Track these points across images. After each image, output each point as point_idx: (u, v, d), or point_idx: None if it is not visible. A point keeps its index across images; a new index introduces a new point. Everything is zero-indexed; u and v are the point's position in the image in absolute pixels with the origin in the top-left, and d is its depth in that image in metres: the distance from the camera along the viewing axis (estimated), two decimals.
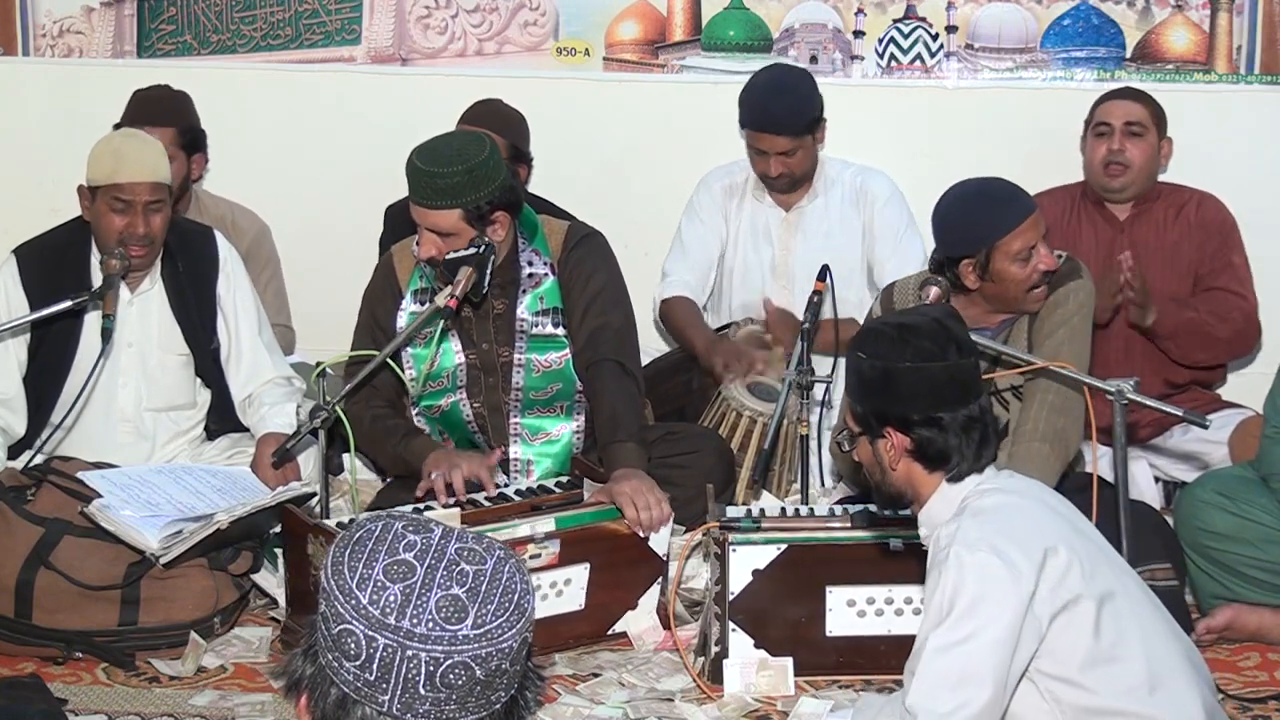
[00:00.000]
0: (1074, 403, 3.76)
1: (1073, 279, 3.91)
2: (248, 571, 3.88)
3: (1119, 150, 4.54)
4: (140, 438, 4.14)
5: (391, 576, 1.61)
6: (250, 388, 4.19)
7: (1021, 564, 2.64)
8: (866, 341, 2.86)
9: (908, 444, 2.80)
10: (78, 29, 5.53)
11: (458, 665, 1.59)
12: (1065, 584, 2.66)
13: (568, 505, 3.80)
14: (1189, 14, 5.20)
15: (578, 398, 4.06)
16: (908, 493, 2.86)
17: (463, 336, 4.04)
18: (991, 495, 2.77)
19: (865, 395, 2.84)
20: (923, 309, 2.95)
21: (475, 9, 5.42)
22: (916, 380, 2.77)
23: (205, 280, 4.16)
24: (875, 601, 3.55)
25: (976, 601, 2.62)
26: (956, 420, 2.77)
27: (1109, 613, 2.69)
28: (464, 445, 4.09)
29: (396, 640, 1.59)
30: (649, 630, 3.72)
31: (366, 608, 1.59)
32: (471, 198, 3.80)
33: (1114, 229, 4.63)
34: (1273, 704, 3.48)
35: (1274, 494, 3.83)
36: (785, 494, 4.40)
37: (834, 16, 5.32)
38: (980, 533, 2.68)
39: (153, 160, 3.99)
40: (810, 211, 4.82)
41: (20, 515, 3.77)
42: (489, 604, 1.61)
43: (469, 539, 1.67)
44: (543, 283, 4.03)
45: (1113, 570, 2.79)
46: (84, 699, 3.51)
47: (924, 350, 2.78)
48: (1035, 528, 2.71)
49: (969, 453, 2.79)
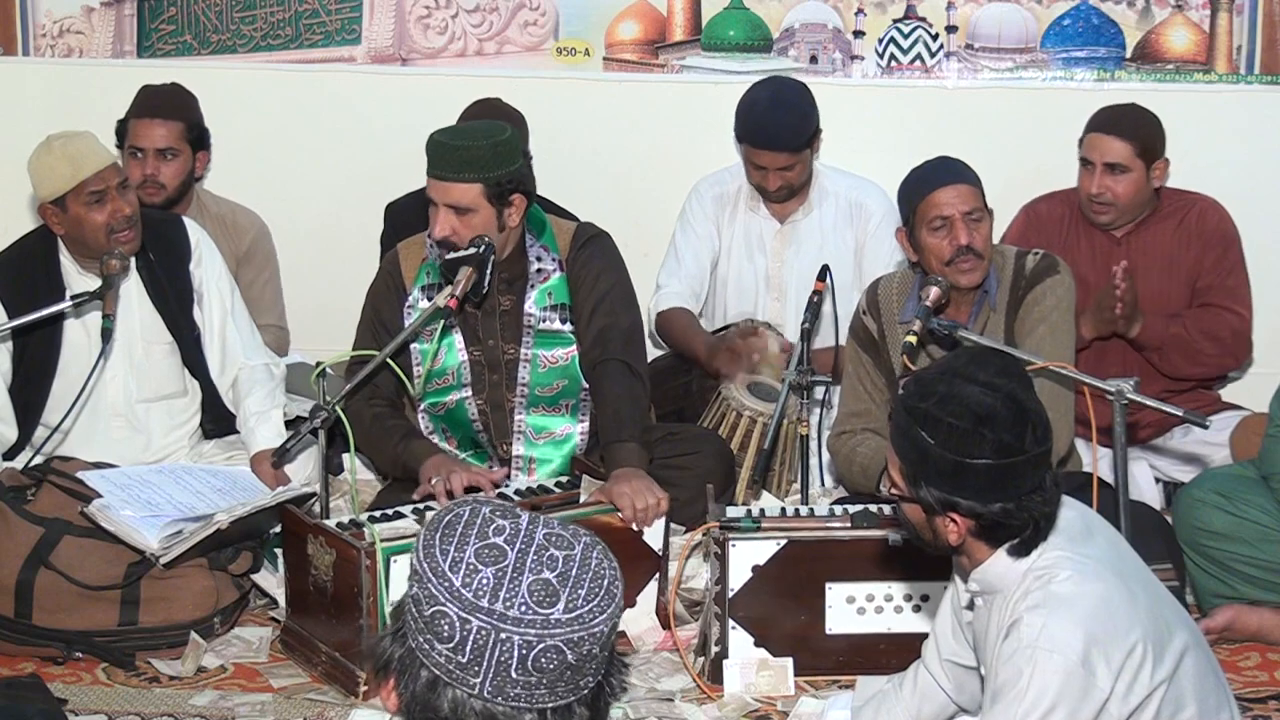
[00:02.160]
0: (1062, 399, 3.77)
1: (1049, 275, 3.91)
2: (248, 571, 3.88)
3: (1100, 193, 4.49)
4: (134, 431, 4.14)
5: (484, 560, 1.63)
6: (229, 372, 4.18)
7: (1101, 673, 2.54)
8: (935, 428, 2.58)
9: (972, 526, 2.64)
10: (78, 29, 5.53)
11: (550, 649, 1.61)
12: (1139, 683, 2.58)
13: (566, 505, 3.80)
14: (1189, 14, 5.20)
15: (583, 397, 4.06)
16: (958, 553, 2.74)
17: (467, 333, 4.03)
18: (1067, 575, 2.61)
19: (929, 480, 2.61)
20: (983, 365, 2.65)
21: (475, 9, 5.42)
22: (994, 475, 2.57)
23: (179, 266, 4.16)
24: (875, 599, 3.55)
25: (1053, 710, 2.54)
26: (1031, 503, 2.60)
27: (1173, 689, 2.64)
28: (467, 445, 4.08)
29: (490, 623, 1.60)
30: (649, 630, 3.72)
31: (460, 590, 1.61)
32: (494, 173, 3.82)
33: (1111, 240, 4.62)
34: (1273, 704, 3.48)
35: (1274, 493, 3.83)
36: (785, 494, 4.40)
37: (834, 16, 5.32)
38: (1067, 635, 2.54)
39: (98, 146, 4.03)
40: (804, 225, 4.81)
41: (20, 515, 3.77)
42: (580, 588, 1.63)
43: (555, 525, 1.69)
44: (551, 278, 4.03)
45: (1169, 623, 2.70)
46: (84, 699, 3.51)
47: (1004, 446, 2.55)
48: (1116, 622, 2.58)
49: (1039, 530, 2.64)
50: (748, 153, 4.72)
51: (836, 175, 4.86)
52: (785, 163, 4.66)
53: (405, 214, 4.83)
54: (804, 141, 4.67)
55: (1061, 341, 3.87)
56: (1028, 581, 2.64)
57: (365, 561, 3.43)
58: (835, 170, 4.88)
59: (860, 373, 4.00)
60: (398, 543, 3.50)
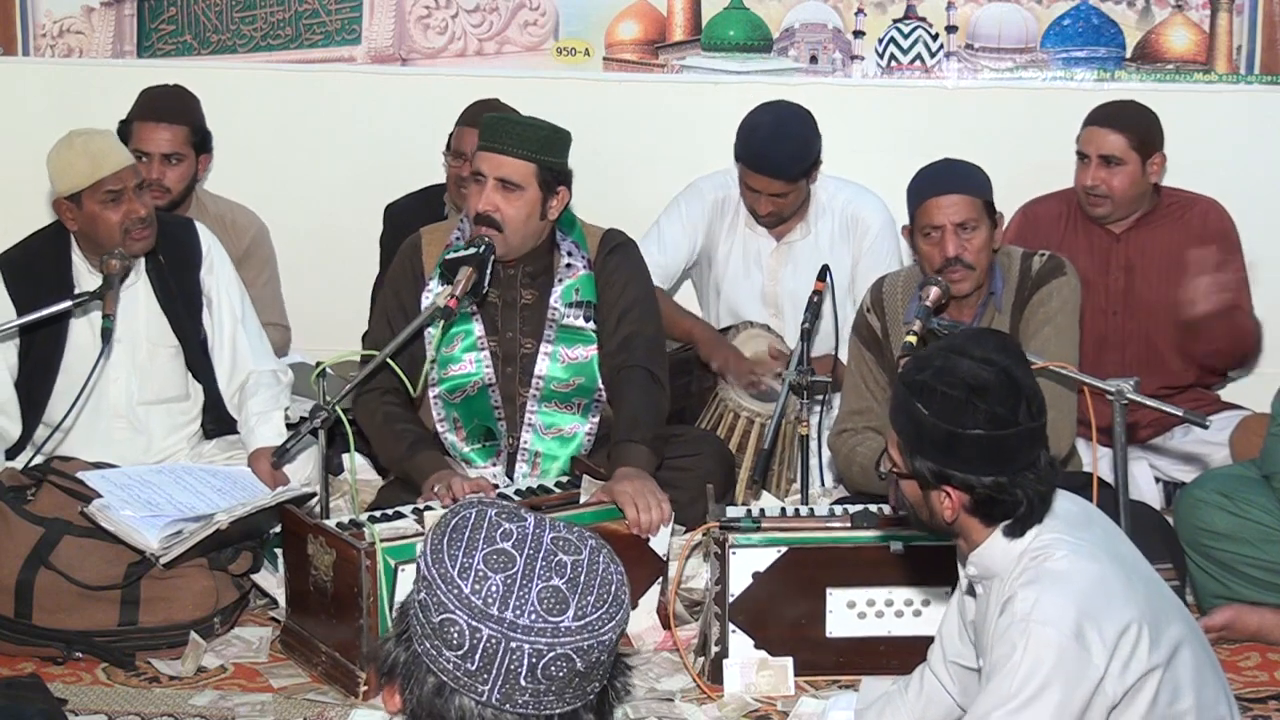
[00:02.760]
0: (1064, 399, 3.77)
1: (1056, 276, 3.91)
2: (248, 571, 3.88)
3: (1095, 185, 4.51)
4: (135, 432, 4.14)
5: (492, 566, 1.61)
6: (236, 378, 4.19)
7: (1096, 648, 2.55)
8: (929, 398, 2.62)
9: (966, 501, 2.66)
10: (78, 29, 5.53)
11: (560, 657, 1.60)
12: (1135, 661, 2.59)
13: (566, 505, 3.80)
14: (1189, 14, 5.20)
15: (597, 397, 4.06)
16: (955, 531, 2.75)
17: (487, 323, 4.03)
18: (1063, 554, 2.64)
19: (923, 451, 2.65)
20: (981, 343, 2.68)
21: (475, 9, 5.42)
22: (985, 446, 2.60)
23: (189, 270, 4.16)
24: (875, 603, 3.55)
25: (1047, 684, 2.55)
26: (1024, 480, 2.63)
27: (1170, 675, 2.64)
28: (477, 436, 4.06)
29: (500, 631, 1.59)
30: (649, 630, 3.72)
31: (469, 597, 1.60)
32: (549, 158, 3.90)
33: (1110, 239, 4.62)
34: (1273, 704, 3.48)
35: (1276, 493, 3.83)
36: (785, 494, 4.40)
37: (834, 16, 5.32)
38: (1060, 610, 2.56)
39: (119, 146, 4.06)
40: (801, 245, 4.80)
41: (20, 515, 3.77)
42: (589, 595, 1.63)
43: (561, 528, 1.68)
44: (579, 275, 4.03)
45: (1167, 615, 2.71)
46: (84, 699, 3.51)
47: (996, 417, 2.58)
48: (1111, 600, 2.60)
49: (1033, 509, 2.66)
50: (743, 173, 4.71)
51: (835, 186, 4.84)
52: (779, 189, 4.65)
53: (405, 215, 4.83)
54: (801, 172, 4.65)
55: (1066, 343, 3.87)
56: (1024, 562, 2.66)
57: (365, 561, 3.43)
58: (834, 179, 4.85)
59: (863, 370, 4.01)
60: (398, 543, 3.50)
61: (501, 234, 3.89)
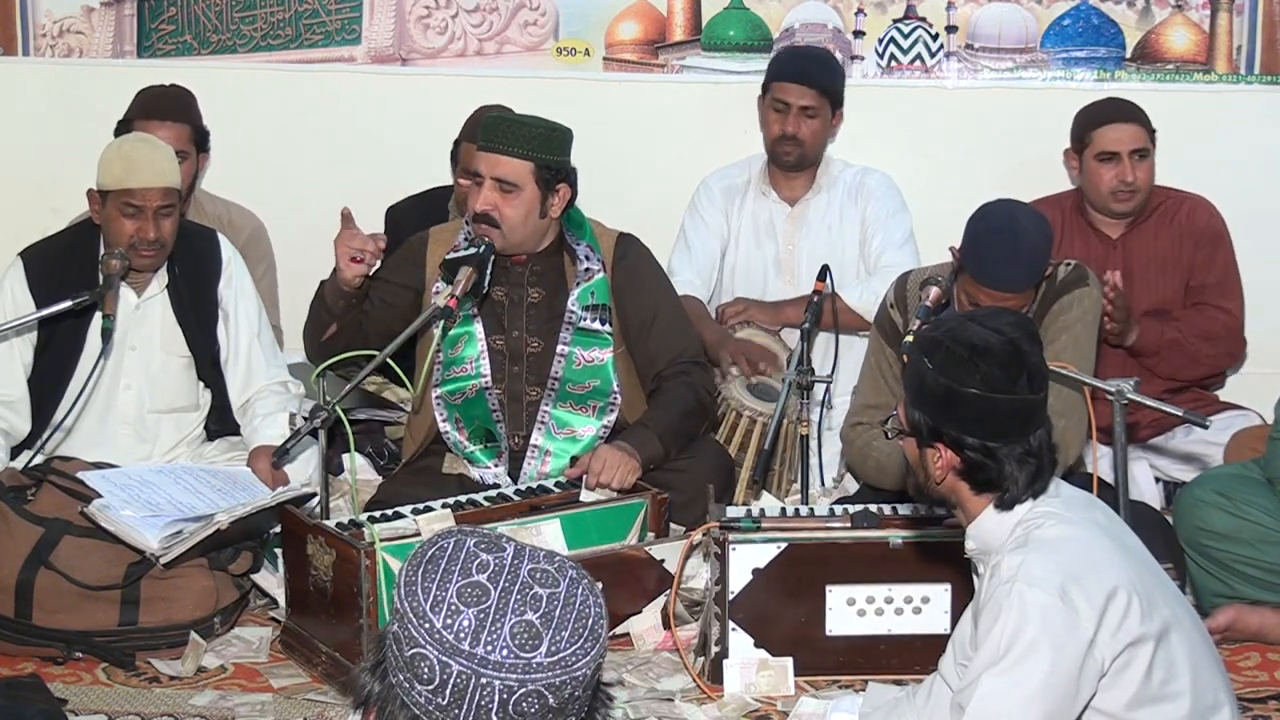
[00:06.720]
0: (1075, 406, 3.76)
1: (1078, 286, 3.91)
2: (248, 571, 3.88)
3: (1131, 181, 4.52)
4: (140, 441, 4.14)
5: (465, 600, 1.59)
6: (248, 392, 4.19)
7: (1083, 609, 2.58)
8: (935, 352, 2.70)
9: (956, 463, 2.71)
10: (78, 29, 5.53)
11: (531, 694, 1.58)
12: (1125, 627, 2.61)
13: (566, 505, 3.80)
14: (1189, 14, 5.20)
15: (612, 400, 4.07)
16: (951, 501, 2.79)
17: (490, 322, 4.04)
18: (1053, 524, 2.68)
19: (922, 404, 2.72)
20: (1000, 317, 2.75)
21: (475, 9, 5.42)
22: (979, 407, 2.66)
23: (208, 283, 4.16)
24: (875, 601, 3.54)
25: (1035, 644, 2.57)
26: (1012, 453, 2.68)
27: (1163, 650, 2.65)
28: (479, 436, 4.07)
29: (471, 667, 1.57)
30: (649, 630, 3.72)
31: (440, 632, 1.58)
32: (546, 156, 3.91)
33: (1106, 244, 4.62)
34: (1273, 704, 3.48)
35: (1278, 496, 3.83)
36: (785, 494, 4.40)
37: (834, 16, 5.32)
38: (1045, 571, 2.60)
39: (164, 165, 4.00)
40: (814, 205, 4.86)
41: (20, 515, 3.77)
42: (563, 630, 1.60)
43: (541, 558, 1.65)
44: (595, 278, 4.04)
45: (1164, 598, 2.73)
46: (84, 699, 3.51)
47: (993, 380, 2.65)
48: (1098, 566, 2.63)
49: (1019, 485, 2.70)
50: (775, 91, 4.77)
51: (844, 164, 4.94)
52: (810, 101, 4.73)
53: (407, 217, 4.83)
54: (829, 83, 4.75)
55: (1083, 353, 3.87)
56: (1016, 532, 2.71)
57: (365, 561, 3.43)
58: (843, 161, 4.95)
59: (882, 364, 4.02)
60: (397, 543, 3.50)
61: (500, 231, 3.91)
